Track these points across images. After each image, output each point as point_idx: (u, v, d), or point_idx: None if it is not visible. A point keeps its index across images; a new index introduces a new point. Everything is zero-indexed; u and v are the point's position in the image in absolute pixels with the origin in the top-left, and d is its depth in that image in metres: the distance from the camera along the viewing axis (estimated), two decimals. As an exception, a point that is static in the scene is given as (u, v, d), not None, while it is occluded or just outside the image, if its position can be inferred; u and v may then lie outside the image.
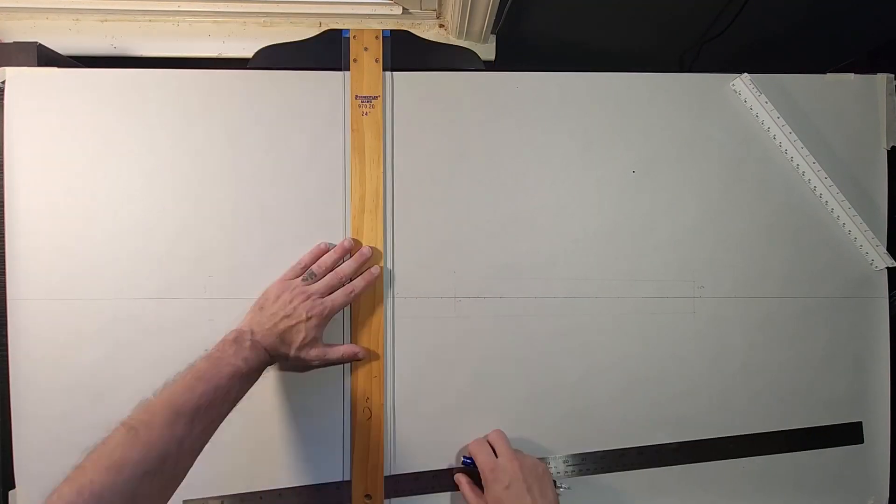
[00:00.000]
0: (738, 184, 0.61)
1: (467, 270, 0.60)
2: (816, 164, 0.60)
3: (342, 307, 0.56)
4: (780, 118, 0.60)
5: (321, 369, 0.56)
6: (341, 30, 0.59)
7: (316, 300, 0.54)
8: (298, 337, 0.52)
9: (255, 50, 0.60)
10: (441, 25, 0.73)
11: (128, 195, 0.58)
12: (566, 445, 0.60)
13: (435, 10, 0.71)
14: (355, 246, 0.58)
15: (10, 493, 0.56)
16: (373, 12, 0.70)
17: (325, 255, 0.57)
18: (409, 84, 0.60)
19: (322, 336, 0.55)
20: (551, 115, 0.60)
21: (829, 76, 0.62)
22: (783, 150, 0.61)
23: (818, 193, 0.60)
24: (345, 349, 0.56)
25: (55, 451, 0.56)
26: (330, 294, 0.55)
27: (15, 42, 0.59)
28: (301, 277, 0.56)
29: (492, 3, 0.63)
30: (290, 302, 0.53)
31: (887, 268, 0.60)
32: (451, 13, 0.69)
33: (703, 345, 0.60)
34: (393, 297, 0.59)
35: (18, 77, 0.57)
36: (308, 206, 0.59)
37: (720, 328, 0.60)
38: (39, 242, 0.57)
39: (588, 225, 0.60)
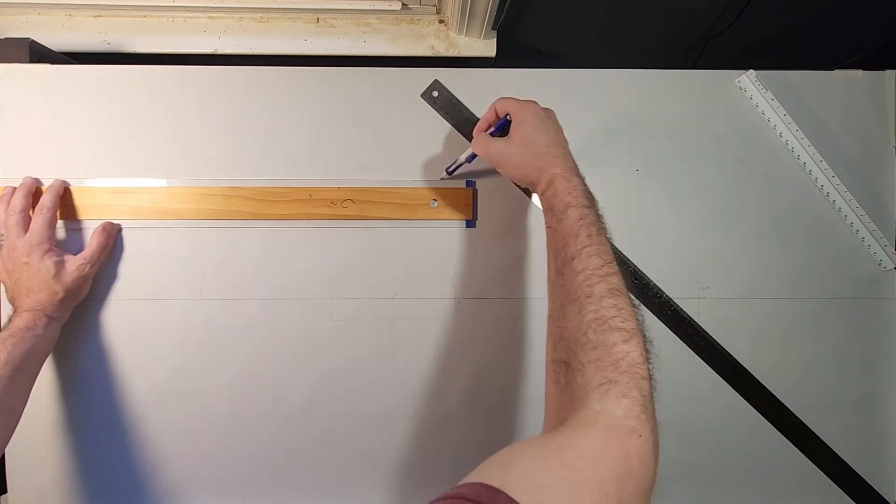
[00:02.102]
0: (744, 182, 0.60)
1: (468, 271, 0.59)
2: (823, 162, 0.59)
3: (47, 227, 0.52)
4: (787, 115, 0.59)
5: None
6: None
7: (19, 240, 0.51)
8: (51, 270, 0.51)
9: (252, 46, 0.59)
10: (441, 21, 0.72)
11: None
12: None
13: (435, 6, 0.70)
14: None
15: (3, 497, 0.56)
16: (371, 7, 0.68)
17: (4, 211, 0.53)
18: (409, 81, 0.59)
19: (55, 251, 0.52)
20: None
21: (837, 73, 0.60)
22: (790, 148, 0.59)
23: (825, 192, 0.59)
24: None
25: (46, 457, 0.56)
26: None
27: (7, 38, 0.58)
28: None
29: (492, -1, 0.62)
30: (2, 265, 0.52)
31: None
32: (452, 9, 0.67)
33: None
34: (393, 299, 0.58)
35: (10, 74, 0.57)
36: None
37: (725, 329, 0.59)
38: (32, 242, 0.56)
39: (591, 224, 0.59)
